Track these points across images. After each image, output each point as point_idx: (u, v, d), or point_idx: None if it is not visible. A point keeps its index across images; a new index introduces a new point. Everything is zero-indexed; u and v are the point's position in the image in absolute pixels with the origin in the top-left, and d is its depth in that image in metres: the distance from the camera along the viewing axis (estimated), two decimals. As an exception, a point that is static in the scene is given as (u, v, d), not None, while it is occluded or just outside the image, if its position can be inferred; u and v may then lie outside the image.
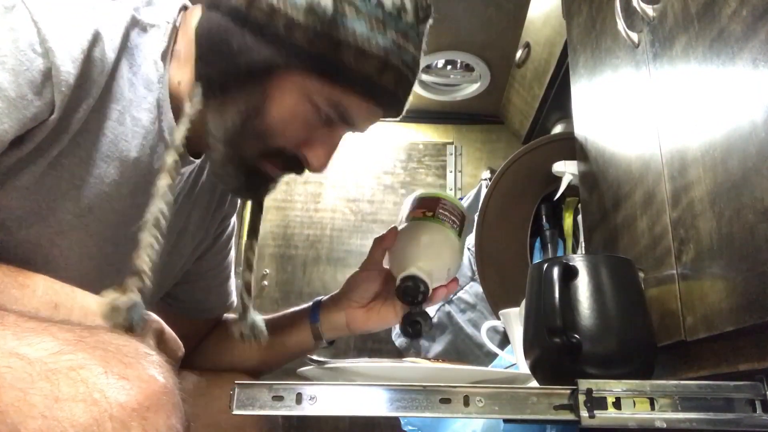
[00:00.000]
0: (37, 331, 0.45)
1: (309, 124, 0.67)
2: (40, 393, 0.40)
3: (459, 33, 1.99)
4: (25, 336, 0.44)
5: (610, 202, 0.94)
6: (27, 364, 0.41)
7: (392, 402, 0.52)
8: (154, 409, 0.42)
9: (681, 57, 0.69)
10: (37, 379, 0.41)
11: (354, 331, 0.86)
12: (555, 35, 1.63)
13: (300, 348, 0.87)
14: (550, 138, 1.45)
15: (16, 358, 0.42)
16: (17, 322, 0.45)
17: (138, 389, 0.42)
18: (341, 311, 0.85)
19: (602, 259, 0.65)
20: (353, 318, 0.85)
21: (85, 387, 0.41)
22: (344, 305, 0.85)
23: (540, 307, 0.62)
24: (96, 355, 0.43)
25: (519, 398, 0.52)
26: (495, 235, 1.36)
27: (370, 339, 2.18)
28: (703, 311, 0.61)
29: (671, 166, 0.71)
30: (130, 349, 0.45)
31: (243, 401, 0.51)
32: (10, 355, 0.42)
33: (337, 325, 0.86)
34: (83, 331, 0.46)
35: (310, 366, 0.69)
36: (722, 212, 0.58)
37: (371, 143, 2.41)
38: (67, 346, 0.43)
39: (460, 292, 1.64)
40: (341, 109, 0.66)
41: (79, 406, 0.40)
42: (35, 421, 0.39)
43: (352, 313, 0.85)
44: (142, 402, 0.42)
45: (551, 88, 1.79)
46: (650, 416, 0.52)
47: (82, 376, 0.42)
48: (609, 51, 0.96)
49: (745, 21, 0.56)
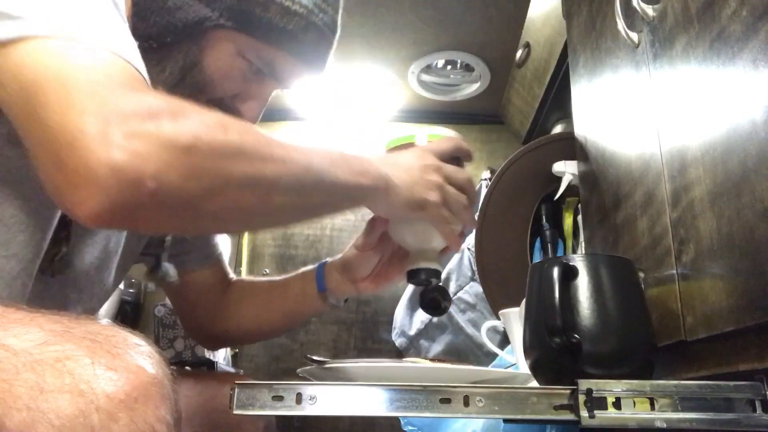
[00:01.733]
0: (23, 321, 0.44)
1: (242, 77, 0.73)
2: (25, 384, 0.40)
3: (459, 33, 1.99)
4: (12, 327, 0.43)
5: (610, 202, 0.94)
6: (12, 355, 0.41)
7: (392, 402, 0.52)
8: (143, 400, 0.42)
9: (681, 57, 0.69)
10: (22, 370, 0.40)
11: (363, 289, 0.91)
12: (555, 35, 1.63)
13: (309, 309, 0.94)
14: (550, 138, 1.45)
15: (2, 349, 0.41)
16: (4, 313, 0.45)
17: (125, 380, 0.42)
18: (348, 283, 0.89)
19: (602, 259, 0.65)
20: (363, 287, 0.89)
21: (71, 378, 0.41)
22: (350, 277, 0.89)
23: (540, 307, 0.62)
24: (83, 346, 0.43)
25: (519, 398, 0.53)
26: (495, 235, 1.36)
27: (370, 339, 2.18)
28: (703, 311, 0.61)
29: (671, 166, 0.71)
30: (118, 339, 0.45)
31: (243, 401, 0.51)
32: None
33: (348, 292, 0.91)
34: (71, 322, 0.45)
35: (310, 366, 0.69)
36: (722, 212, 0.58)
37: (371, 143, 2.41)
38: (54, 337, 0.43)
39: (460, 292, 1.64)
40: (270, 64, 0.73)
41: (65, 398, 0.40)
42: (20, 413, 0.38)
43: (360, 284, 0.89)
44: (130, 393, 0.41)
45: (551, 88, 1.79)
46: (650, 416, 0.52)
47: (68, 367, 0.41)
48: (609, 51, 0.96)
49: (745, 21, 0.56)
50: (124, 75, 0.52)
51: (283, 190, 0.58)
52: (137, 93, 0.51)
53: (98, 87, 0.49)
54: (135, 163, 0.47)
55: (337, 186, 0.65)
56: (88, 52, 0.51)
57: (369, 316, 2.22)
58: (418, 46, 2.05)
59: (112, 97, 0.49)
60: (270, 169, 0.56)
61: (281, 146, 0.58)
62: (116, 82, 0.50)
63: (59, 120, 0.47)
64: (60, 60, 0.50)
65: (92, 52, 0.51)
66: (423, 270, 0.79)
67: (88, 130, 0.46)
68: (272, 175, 0.57)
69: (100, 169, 0.46)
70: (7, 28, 0.50)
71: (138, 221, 0.53)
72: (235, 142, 0.53)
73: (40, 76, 0.49)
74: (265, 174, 0.56)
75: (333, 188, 0.65)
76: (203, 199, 0.52)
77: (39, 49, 0.50)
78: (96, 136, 0.46)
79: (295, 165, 0.59)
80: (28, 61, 0.50)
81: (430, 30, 1.98)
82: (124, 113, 0.48)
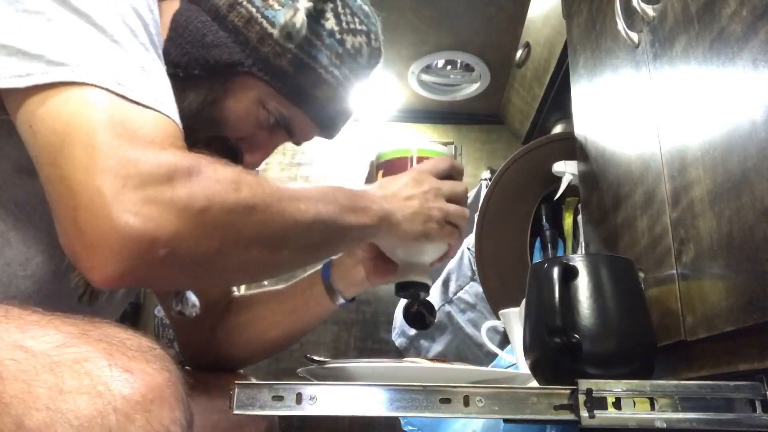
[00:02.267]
0: (41, 323, 0.45)
1: (257, 124, 0.73)
2: (45, 385, 0.40)
3: (459, 33, 2.00)
4: (29, 329, 0.44)
5: (610, 202, 0.94)
6: (31, 357, 0.42)
7: (392, 402, 0.52)
8: (158, 402, 0.43)
9: (681, 57, 0.69)
10: (41, 371, 0.41)
11: (375, 282, 0.87)
12: (555, 35, 1.63)
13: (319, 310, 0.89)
14: (550, 138, 1.45)
15: (21, 351, 0.42)
16: (21, 315, 0.46)
17: (142, 382, 0.43)
18: (358, 264, 0.86)
19: (602, 259, 0.65)
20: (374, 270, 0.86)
21: (89, 379, 0.41)
22: (360, 256, 0.86)
23: (540, 307, 0.62)
24: (100, 348, 0.44)
25: (519, 398, 0.52)
26: (495, 235, 1.36)
27: (370, 339, 2.19)
28: (703, 311, 0.61)
29: (671, 166, 0.71)
30: (133, 342, 0.46)
31: (243, 401, 0.51)
32: (15, 348, 0.42)
33: (356, 280, 0.87)
34: (87, 325, 0.46)
35: (310, 366, 0.69)
36: (722, 212, 0.58)
37: (371, 143, 2.41)
38: (71, 339, 0.44)
39: (460, 292, 1.64)
40: (287, 120, 0.74)
41: (83, 398, 0.40)
42: (39, 413, 0.39)
43: (371, 267, 0.86)
44: (146, 395, 0.42)
45: (551, 88, 1.79)
46: (650, 416, 0.52)
47: (86, 368, 0.42)
48: (609, 51, 0.96)
49: (745, 21, 0.56)
50: (154, 130, 0.52)
51: (291, 244, 0.60)
52: (158, 152, 0.51)
53: (122, 146, 0.49)
54: (149, 229, 0.48)
55: (344, 231, 0.66)
56: (123, 106, 0.52)
57: (369, 316, 2.22)
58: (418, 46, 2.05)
59: (133, 158, 0.49)
60: (279, 226, 0.58)
61: (291, 198, 0.59)
62: (142, 140, 0.51)
63: (81, 179, 0.48)
64: (91, 112, 0.50)
65: (127, 108, 0.52)
66: (412, 284, 0.79)
67: (105, 193, 0.47)
68: (282, 231, 0.58)
69: (113, 235, 0.47)
70: (49, 71, 0.50)
71: (148, 281, 0.57)
72: (247, 200, 0.54)
73: (71, 126, 0.49)
74: (275, 231, 0.58)
75: (340, 234, 0.66)
76: (214, 258, 0.53)
77: (74, 98, 0.50)
78: (112, 199, 0.47)
79: (303, 218, 0.60)
80: (63, 109, 0.50)
81: (430, 30, 1.99)
82: (141, 175, 0.49)
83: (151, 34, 0.58)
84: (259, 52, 0.69)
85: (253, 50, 0.69)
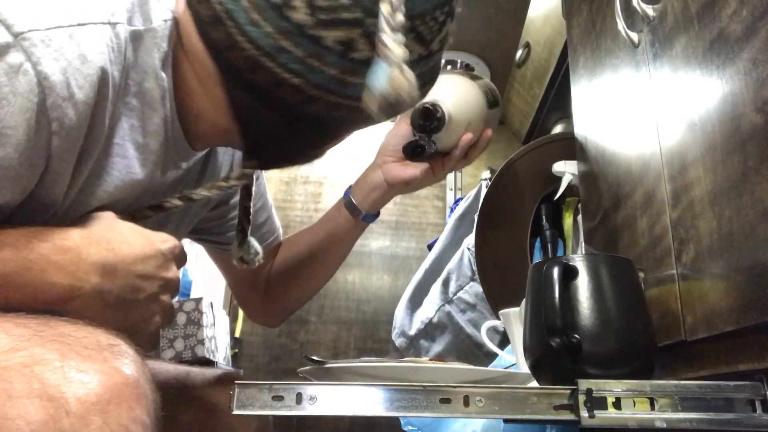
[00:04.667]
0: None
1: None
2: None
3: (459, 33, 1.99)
4: None
5: (610, 202, 0.94)
6: None
7: (392, 402, 0.52)
8: (116, 401, 0.41)
9: (681, 57, 0.69)
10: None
11: (392, 184, 0.91)
12: (555, 35, 1.63)
13: (340, 229, 0.95)
14: (550, 138, 1.45)
15: None
16: None
17: (97, 382, 0.41)
18: (377, 169, 0.92)
19: (602, 259, 0.65)
20: (389, 170, 0.91)
21: (39, 383, 0.40)
22: (379, 161, 0.92)
23: (540, 307, 0.62)
24: (52, 349, 0.42)
25: (519, 398, 0.52)
26: (495, 235, 1.36)
27: (370, 339, 2.18)
28: (703, 311, 0.61)
29: (671, 166, 0.71)
30: (90, 341, 0.44)
31: (243, 401, 0.51)
32: None
33: (375, 183, 0.92)
34: (40, 326, 0.45)
35: (310, 366, 0.69)
36: (722, 212, 0.58)
37: (371, 143, 2.41)
38: (22, 342, 0.42)
39: (460, 292, 1.64)
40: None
41: (34, 403, 0.39)
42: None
43: (388, 167, 0.91)
44: (102, 395, 0.41)
45: (551, 88, 1.79)
46: (650, 416, 0.52)
47: (36, 372, 0.41)
48: (609, 51, 0.96)
49: (745, 21, 0.56)
50: None
51: None
52: None
53: None
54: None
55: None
56: None
57: (369, 316, 2.22)
58: (418, 46, 2.05)
59: None
60: None
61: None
62: None
63: None
64: None
65: None
66: (435, 105, 0.84)
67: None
68: None
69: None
70: None
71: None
72: None
73: None
74: None
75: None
76: None
77: None
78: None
79: None
80: None
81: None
82: None
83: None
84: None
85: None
